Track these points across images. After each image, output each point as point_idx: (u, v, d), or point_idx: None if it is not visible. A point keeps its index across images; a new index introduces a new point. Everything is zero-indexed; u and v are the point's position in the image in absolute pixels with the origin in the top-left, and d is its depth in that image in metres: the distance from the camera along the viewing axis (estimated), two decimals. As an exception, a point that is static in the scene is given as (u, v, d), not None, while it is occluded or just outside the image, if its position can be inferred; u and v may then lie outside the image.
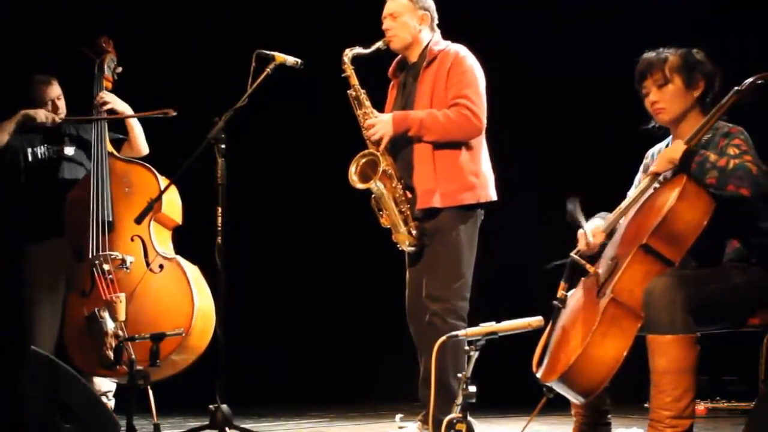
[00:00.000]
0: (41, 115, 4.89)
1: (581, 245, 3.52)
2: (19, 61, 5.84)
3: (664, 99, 3.45)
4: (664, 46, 3.50)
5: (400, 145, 4.23)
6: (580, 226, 3.48)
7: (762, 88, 3.31)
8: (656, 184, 3.40)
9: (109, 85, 4.97)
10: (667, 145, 3.58)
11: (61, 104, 5.01)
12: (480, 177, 4.20)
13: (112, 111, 4.90)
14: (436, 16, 4.33)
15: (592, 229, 3.51)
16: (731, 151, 3.30)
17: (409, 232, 4.19)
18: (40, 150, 4.96)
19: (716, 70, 3.47)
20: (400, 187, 4.20)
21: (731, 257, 3.37)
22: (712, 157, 3.25)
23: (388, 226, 4.24)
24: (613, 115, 5.86)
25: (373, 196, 4.22)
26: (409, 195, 4.20)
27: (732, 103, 3.32)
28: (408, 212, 4.19)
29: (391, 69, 4.45)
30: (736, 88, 3.34)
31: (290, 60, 4.24)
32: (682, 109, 3.46)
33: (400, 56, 4.39)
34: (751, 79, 3.33)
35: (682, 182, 3.24)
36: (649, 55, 3.50)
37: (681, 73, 3.43)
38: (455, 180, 4.15)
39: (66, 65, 5.22)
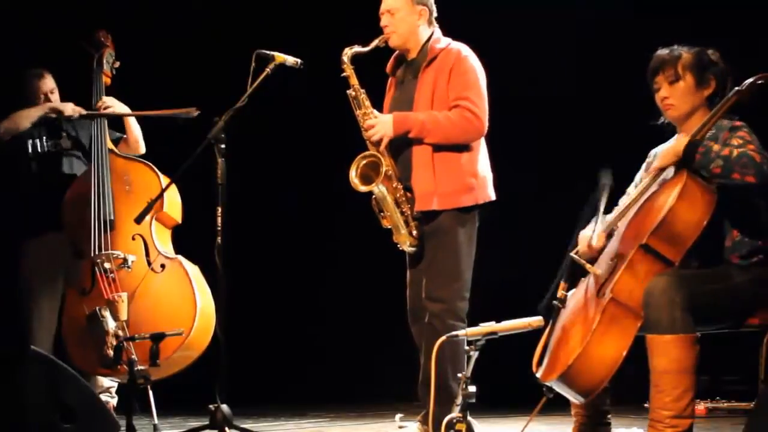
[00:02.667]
0: (68, 108, 4.86)
1: (582, 247, 3.52)
2: (16, 55, 5.83)
3: (674, 95, 3.46)
4: (676, 44, 3.51)
5: (399, 146, 4.21)
6: (596, 208, 3.47)
7: (762, 89, 3.32)
8: (658, 183, 3.39)
9: (108, 80, 4.96)
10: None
11: (55, 98, 4.98)
12: (478, 178, 4.19)
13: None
14: (434, 10, 4.30)
15: (594, 232, 3.50)
16: (735, 141, 3.32)
17: (410, 233, 4.19)
18: (40, 144, 4.95)
19: (729, 72, 3.48)
20: (401, 187, 4.19)
21: (731, 250, 3.37)
22: (716, 147, 3.26)
23: (390, 227, 4.24)
24: (615, 114, 5.87)
25: (373, 197, 4.21)
26: (409, 195, 4.19)
27: (732, 103, 3.32)
28: (409, 213, 4.18)
29: (389, 66, 4.41)
30: (736, 88, 3.35)
31: (290, 60, 4.24)
32: (690, 107, 3.47)
33: (397, 52, 4.37)
34: (751, 80, 3.33)
35: (681, 181, 3.24)
36: (663, 51, 3.51)
37: (693, 72, 3.45)
38: (454, 182, 4.14)
39: (64, 60, 5.22)
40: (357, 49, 4.25)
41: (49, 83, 5.00)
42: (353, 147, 4.23)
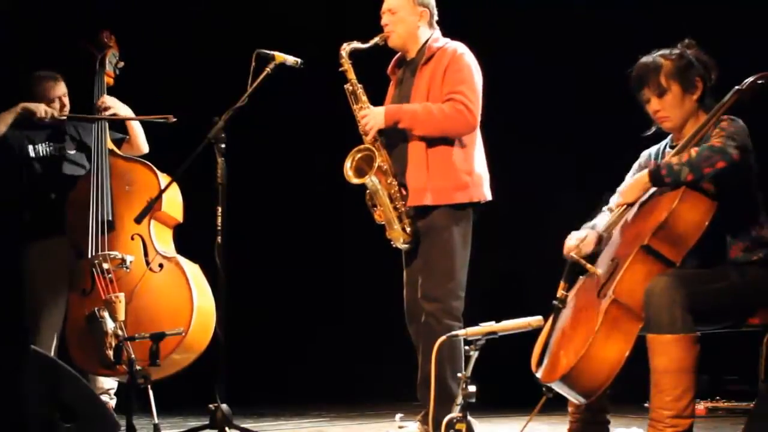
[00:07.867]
0: (41, 109, 4.85)
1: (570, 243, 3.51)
2: (20, 56, 5.83)
3: (665, 108, 3.45)
4: (659, 44, 3.50)
5: (395, 142, 4.22)
6: None
7: (763, 88, 3.31)
8: (625, 218, 3.41)
9: (111, 80, 4.97)
10: (666, 146, 3.59)
11: (67, 101, 5.00)
12: (473, 176, 4.19)
13: (113, 115, 4.90)
14: (435, 12, 4.32)
15: (581, 237, 3.50)
16: (714, 134, 3.31)
17: (404, 229, 4.19)
18: (43, 148, 4.94)
19: (710, 63, 3.46)
20: (395, 183, 4.19)
21: (731, 251, 3.36)
22: (674, 159, 3.27)
23: (383, 223, 4.24)
24: (612, 114, 5.86)
25: (367, 191, 4.21)
26: (404, 192, 4.19)
27: (732, 102, 3.32)
28: (402, 209, 4.18)
29: (390, 68, 4.44)
30: (736, 87, 3.35)
31: (290, 59, 4.25)
32: (685, 115, 3.46)
33: (399, 54, 4.39)
34: (751, 79, 3.33)
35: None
36: (643, 62, 3.48)
37: (677, 79, 3.43)
38: (448, 178, 4.14)
39: (67, 60, 5.21)
40: (356, 44, 4.27)
41: (62, 87, 4.99)
42: (354, 147, 4.23)
